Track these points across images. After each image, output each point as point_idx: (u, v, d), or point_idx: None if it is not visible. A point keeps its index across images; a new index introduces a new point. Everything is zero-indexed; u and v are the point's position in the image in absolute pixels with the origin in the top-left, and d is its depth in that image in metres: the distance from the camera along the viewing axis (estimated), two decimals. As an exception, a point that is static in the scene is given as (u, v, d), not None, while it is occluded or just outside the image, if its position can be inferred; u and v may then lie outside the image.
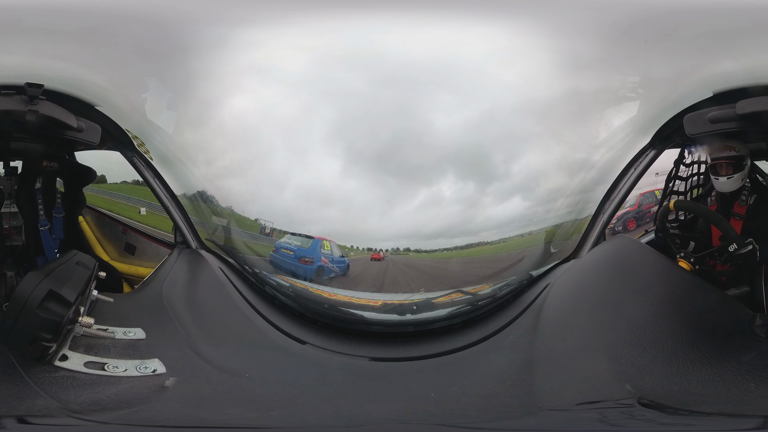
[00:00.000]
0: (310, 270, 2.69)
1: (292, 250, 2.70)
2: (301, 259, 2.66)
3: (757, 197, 3.08)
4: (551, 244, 3.18)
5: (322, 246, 2.81)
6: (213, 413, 2.23)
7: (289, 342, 2.75)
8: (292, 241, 2.76)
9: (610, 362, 2.37)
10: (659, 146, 3.25)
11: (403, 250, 3.04)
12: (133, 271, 3.59)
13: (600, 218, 3.23)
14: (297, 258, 2.67)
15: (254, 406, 2.29)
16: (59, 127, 2.85)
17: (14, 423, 1.99)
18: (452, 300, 2.99)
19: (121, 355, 2.46)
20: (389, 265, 2.98)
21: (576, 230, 3.22)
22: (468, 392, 2.41)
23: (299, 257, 2.66)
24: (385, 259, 2.91)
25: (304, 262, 2.66)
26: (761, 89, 2.71)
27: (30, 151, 3.22)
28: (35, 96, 2.65)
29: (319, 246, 2.73)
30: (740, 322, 2.55)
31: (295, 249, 2.68)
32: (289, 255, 2.68)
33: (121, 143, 3.38)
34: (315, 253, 2.75)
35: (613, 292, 2.75)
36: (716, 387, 2.17)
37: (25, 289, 2.23)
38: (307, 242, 2.68)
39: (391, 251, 3.04)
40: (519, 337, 2.68)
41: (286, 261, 2.71)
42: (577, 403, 2.22)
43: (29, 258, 3.24)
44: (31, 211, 3.26)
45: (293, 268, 2.67)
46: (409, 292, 3.02)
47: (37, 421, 2.04)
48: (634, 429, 2.10)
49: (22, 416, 2.02)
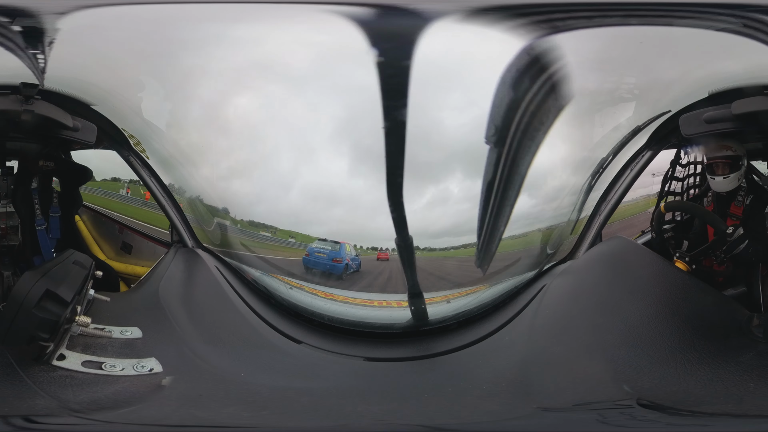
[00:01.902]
0: (341, 267, 2.98)
1: (325, 253, 2.98)
2: (334, 259, 2.98)
3: (754, 198, 3.08)
4: (548, 245, 3.18)
5: (344, 248, 3.05)
6: (209, 412, 2.24)
7: (285, 341, 2.75)
8: (323, 245, 3.00)
9: (607, 363, 2.38)
10: (655, 147, 3.25)
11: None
12: (129, 270, 3.58)
13: (596, 219, 3.23)
14: (330, 259, 2.97)
15: (249, 406, 2.29)
16: (55, 127, 2.85)
17: (21, 422, 2.00)
18: (448, 300, 3.00)
19: (119, 354, 2.47)
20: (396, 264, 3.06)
21: (573, 231, 3.22)
22: (463, 393, 2.41)
23: (332, 258, 2.97)
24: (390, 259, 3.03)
25: (336, 261, 2.97)
26: (757, 89, 2.71)
27: (26, 150, 3.21)
28: (31, 96, 2.65)
29: (343, 248, 2.98)
30: (738, 322, 2.56)
31: (327, 252, 2.97)
32: (323, 257, 2.97)
33: (117, 142, 3.37)
34: (342, 254, 3.01)
35: (609, 293, 2.76)
36: (715, 387, 2.18)
37: (21, 288, 2.23)
38: (336, 246, 2.97)
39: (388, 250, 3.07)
40: (515, 338, 2.68)
41: (321, 262, 2.99)
42: (574, 404, 2.23)
43: (26, 258, 3.23)
44: (28, 210, 3.25)
45: (328, 267, 2.98)
46: (405, 293, 3.03)
47: (42, 420, 2.05)
48: (637, 429, 2.10)
49: (28, 415, 2.03)
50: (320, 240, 3.00)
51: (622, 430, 2.12)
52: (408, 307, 2.87)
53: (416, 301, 2.86)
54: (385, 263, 3.03)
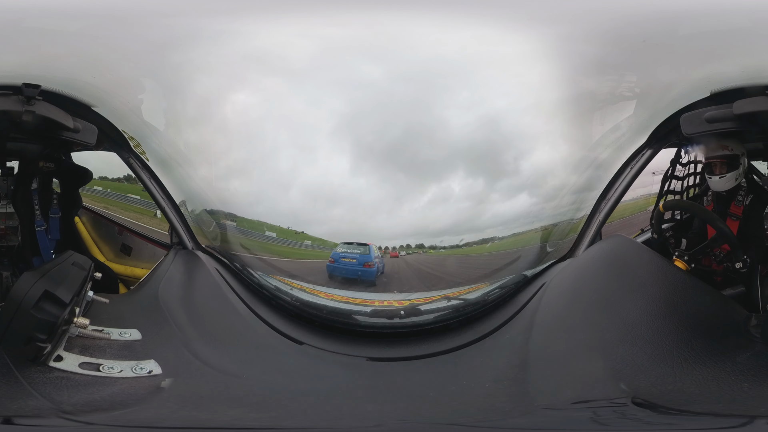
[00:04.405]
0: (373, 272, 2.88)
1: (354, 258, 2.89)
2: (365, 264, 2.86)
3: (754, 198, 3.08)
4: (547, 244, 3.18)
5: (373, 250, 2.98)
6: (213, 414, 2.23)
7: (286, 342, 2.75)
8: (351, 249, 2.90)
9: (606, 361, 2.37)
10: (656, 146, 3.25)
11: (414, 247, 3.07)
12: (128, 272, 3.59)
13: (596, 217, 3.23)
14: (361, 264, 2.87)
15: (255, 407, 2.29)
16: (56, 128, 2.86)
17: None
18: (448, 299, 3.00)
19: (117, 356, 2.46)
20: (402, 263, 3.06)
21: (572, 229, 3.22)
22: (466, 391, 2.41)
23: (363, 263, 2.86)
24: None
25: (368, 266, 2.86)
26: (758, 89, 2.71)
27: (26, 151, 3.22)
28: (32, 96, 2.65)
29: (372, 250, 2.89)
30: (736, 322, 2.55)
31: (357, 257, 2.87)
32: (352, 263, 2.87)
33: (117, 144, 3.38)
34: (372, 257, 2.91)
35: (608, 292, 2.75)
36: (710, 387, 2.17)
37: (20, 289, 2.24)
38: (365, 249, 2.88)
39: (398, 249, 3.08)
40: (515, 336, 2.68)
41: (351, 269, 2.88)
42: (572, 402, 2.23)
43: (25, 258, 3.24)
44: (28, 211, 3.26)
45: (359, 273, 2.87)
46: (405, 292, 3.03)
47: (24, 422, 2.03)
48: (625, 428, 2.10)
49: (9, 416, 2.01)
50: (345, 243, 2.93)
51: (611, 428, 2.12)
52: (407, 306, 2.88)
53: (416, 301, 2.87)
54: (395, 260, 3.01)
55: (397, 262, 3.01)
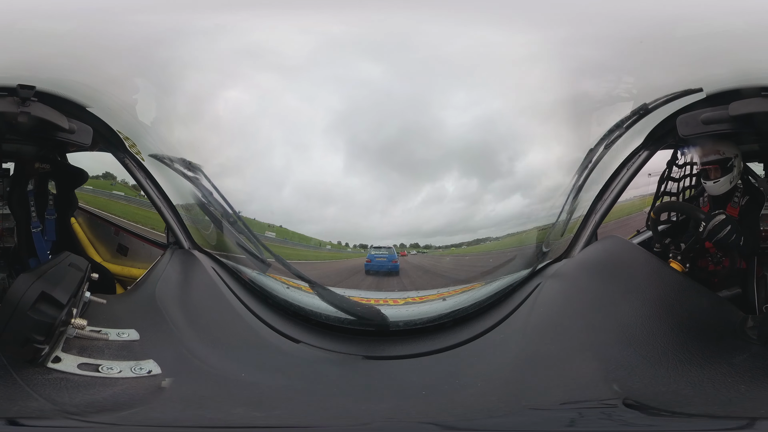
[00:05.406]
0: (398, 266, 3.16)
1: (385, 257, 3.15)
2: (393, 261, 3.16)
3: (749, 199, 3.09)
4: (543, 244, 3.18)
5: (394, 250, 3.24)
6: (217, 413, 2.23)
7: (283, 341, 2.75)
8: (380, 252, 3.17)
9: (600, 362, 2.38)
10: (652, 147, 3.26)
11: (409, 246, 3.13)
12: (125, 273, 3.59)
13: (592, 218, 3.24)
14: (390, 261, 3.14)
15: (256, 406, 2.29)
16: (51, 129, 2.84)
17: (4, 425, 1.98)
18: (444, 298, 3.01)
19: (115, 356, 2.46)
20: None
21: (568, 230, 3.23)
22: (458, 390, 2.42)
23: (390, 260, 3.15)
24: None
25: (395, 262, 3.16)
26: (754, 91, 2.71)
27: (22, 152, 3.22)
28: (27, 98, 2.64)
29: (393, 250, 3.18)
30: (732, 323, 2.56)
31: (387, 256, 3.14)
32: (385, 261, 3.14)
33: (112, 144, 3.37)
34: (395, 255, 3.17)
35: (604, 293, 2.76)
36: (705, 388, 2.18)
37: (17, 290, 2.23)
38: (391, 250, 3.14)
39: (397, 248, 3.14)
40: (509, 336, 2.68)
41: (385, 265, 3.16)
42: (562, 402, 2.23)
43: (21, 260, 3.24)
44: (23, 212, 3.26)
45: (389, 268, 3.14)
46: (401, 291, 3.04)
47: (30, 423, 2.03)
48: (611, 429, 2.10)
49: (13, 418, 2.01)
50: (374, 248, 3.13)
51: (595, 429, 2.12)
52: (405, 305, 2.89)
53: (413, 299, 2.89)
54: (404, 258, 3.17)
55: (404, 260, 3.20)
